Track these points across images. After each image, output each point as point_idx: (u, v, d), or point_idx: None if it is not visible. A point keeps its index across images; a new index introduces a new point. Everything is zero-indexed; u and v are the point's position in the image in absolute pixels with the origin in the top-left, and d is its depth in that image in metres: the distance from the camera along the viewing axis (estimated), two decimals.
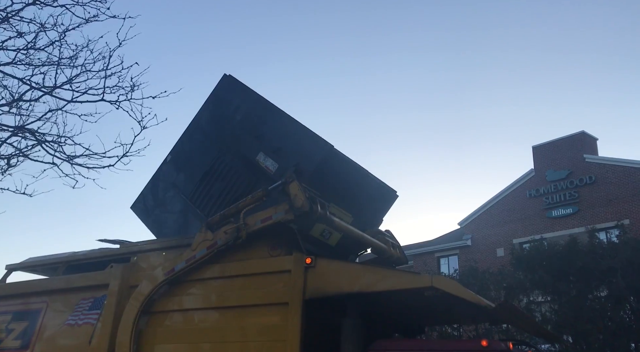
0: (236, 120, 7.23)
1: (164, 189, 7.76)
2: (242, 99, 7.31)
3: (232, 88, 7.50)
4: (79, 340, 6.77)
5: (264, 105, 7.04)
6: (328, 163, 6.36)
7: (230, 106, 7.39)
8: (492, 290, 11.67)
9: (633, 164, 21.87)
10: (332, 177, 6.44)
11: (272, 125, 6.87)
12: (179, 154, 7.76)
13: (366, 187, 7.03)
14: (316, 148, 6.37)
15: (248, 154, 6.79)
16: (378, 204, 7.34)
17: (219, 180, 7.03)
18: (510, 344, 5.04)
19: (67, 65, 6.03)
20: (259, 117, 7.04)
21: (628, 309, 9.88)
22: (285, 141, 6.64)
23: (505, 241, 23.79)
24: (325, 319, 5.82)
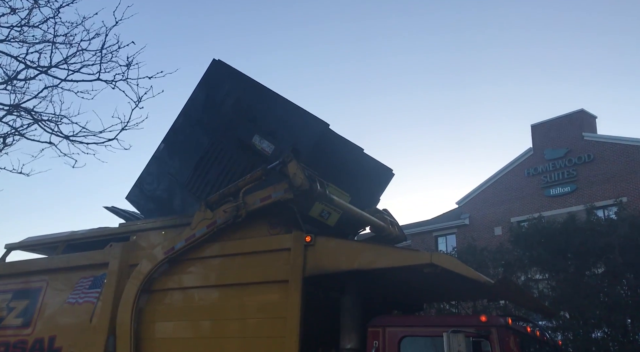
0: (228, 105, 7.17)
1: (159, 178, 7.69)
2: (233, 83, 7.25)
3: (222, 73, 7.43)
4: (79, 318, 6.83)
5: (255, 88, 6.98)
6: (324, 142, 6.33)
7: (221, 91, 7.33)
8: (491, 267, 11.76)
9: (631, 142, 21.86)
10: (329, 156, 6.42)
11: (266, 107, 6.81)
12: (173, 142, 7.68)
13: (363, 166, 7.01)
14: (312, 127, 6.33)
15: (243, 138, 6.74)
16: (375, 183, 7.33)
17: (215, 165, 6.98)
18: (509, 320, 5.08)
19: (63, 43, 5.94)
20: (251, 100, 7.01)
21: (625, 285, 9.98)
22: (280, 123, 6.60)
23: (503, 220, 23.89)
24: (325, 296, 5.87)
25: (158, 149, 7.78)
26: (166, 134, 7.73)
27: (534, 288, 11.25)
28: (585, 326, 9.89)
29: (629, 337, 9.70)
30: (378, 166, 7.24)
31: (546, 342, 5.87)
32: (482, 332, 4.80)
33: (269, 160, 6.31)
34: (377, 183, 7.36)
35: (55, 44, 5.87)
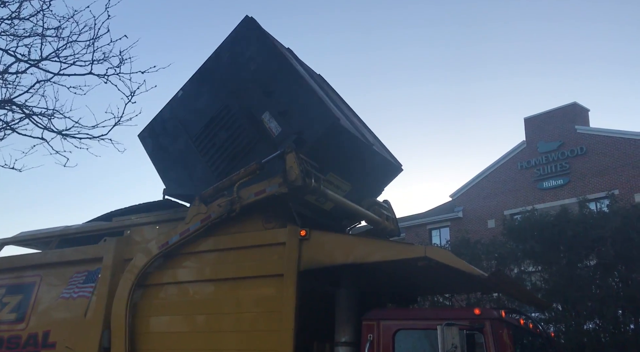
0: (250, 70, 6.90)
1: (172, 124, 7.51)
2: (259, 48, 6.94)
3: (252, 34, 7.08)
4: (74, 313, 6.81)
5: (280, 60, 6.72)
6: (331, 136, 6.19)
7: (247, 53, 7.01)
8: (484, 260, 11.82)
9: (623, 134, 21.99)
10: (334, 149, 6.33)
11: (284, 84, 6.57)
12: (191, 92, 7.45)
13: (369, 161, 6.93)
14: (322, 119, 6.17)
15: (254, 111, 6.59)
16: (379, 176, 7.29)
17: (224, 129, 6.84)
18: (502, 312, 5.12)
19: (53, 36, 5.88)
20: (272, 72, 6.72)
21: (616, 277, 10.08)
22: (293, 105, 6.40)
23: (497, 213, 24.01)
24: (320, 290, 5.88)
25: (176, 96, 7.58)
26: (185, 82, 7.53)
27: (527, 281, 11.34)
28: (577, 317, 9.99)
29: (620, 329, 9.82)
30: (386, 162, 7.17)
31: (539, 334, 5.93)
32: (476, 325, 4.84)
33: (274, 141, 6.24)
34: (382, 176, 7.33)
35: (45, 37, 5.81)
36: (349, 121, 6.90)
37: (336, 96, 8.00)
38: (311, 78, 7.21)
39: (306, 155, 5.94)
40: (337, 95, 8.07)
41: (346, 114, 7.18)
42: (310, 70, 7.91)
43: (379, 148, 7.21)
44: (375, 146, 7.07)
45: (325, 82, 8.15)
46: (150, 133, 7.75)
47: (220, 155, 6.79)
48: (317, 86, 6.96)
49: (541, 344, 5.87)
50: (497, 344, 4.78)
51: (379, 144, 7.57)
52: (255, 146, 6.46)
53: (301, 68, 7.17)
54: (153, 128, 7.74)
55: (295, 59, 7.50)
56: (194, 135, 7.14)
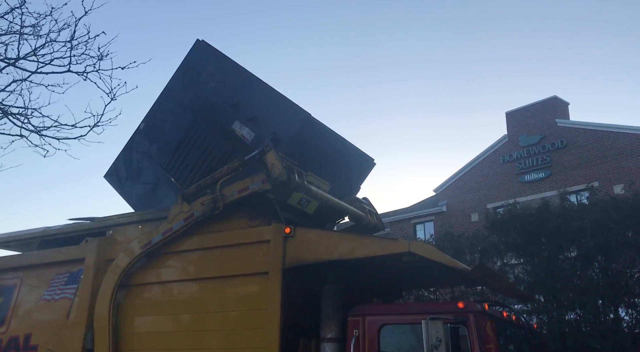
0: (210, 88, 7.06)
1: (138, 158, 7.63)
2: (216, 65, 7.12)
3: (205, 54, 7.29)
4: (56, 315, 6.73)
5: (238, 72, 6.88)
6: (305, 132, 6.28)
7: (204, 73, 7.21)
8: (467, 254, 11.93)
9: (603, 127, 22.34)
10: (309, 145, 6.38)
11: (248, 93, 6.73)
12: (152, 123, 7.58)
13: (344, 156, 7.00)
14: (293, 117, 6.27)
15: (224, 123, 6.67)
16: (355, 172, 7.34)
17: (194, 149, 6.92)
18: (486, 305, 5.18)
19: (31, 34, 5.76)
20: (233, 84, 6.88)
21: (596, 268, 10.24)
22: (261, 110, 6.51)
23: (480, 206, 24.25)
24: (305, 286, 5.88)
25: (138, 128, 7.66)
26: (147, 112, 7.61)
27: (510, 273, 11.47)
28: (559, 308, 10.14)
29: (600, 318, 10.00)
30: (359, 155, 7.25)
31: (522, 326, 6.01)
32: (460, 319, 4.88)
33: (249, 147, 6.25)
34: (358, 172, 7.38)
35: (22, 35, 5.69)
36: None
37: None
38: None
39: (284, 154, 5.94)
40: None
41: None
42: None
43: (350, 143, 7.24)
44: (347, 141, 7.12)
45: None
46: (115, 171, 7.83)
47: (195, 174, 6.79)
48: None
49: (524, 336, 5.95)
50: (481, 336, 4.83)
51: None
52: (231, 156, 6.47)
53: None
54: (118, 166, 7.81)
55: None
56: (164, 163, 7.19)
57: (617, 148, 21.44)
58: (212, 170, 6.54)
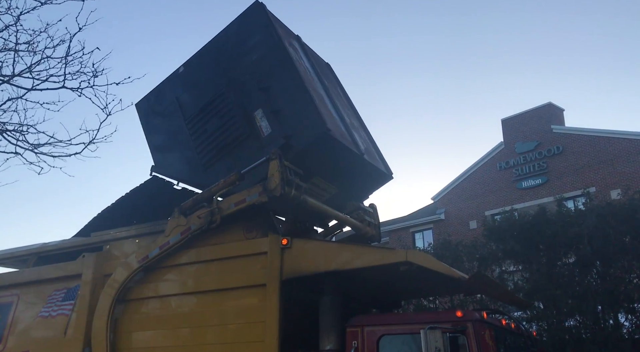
0: (249, 60, 6.65)
1: (169, 101, 7.36)
2: (263, 38, 6.63)
3: (258, 21, 6.73)
4: (53, 331, 6.69)
5: (282, 56, 6.41)
6: (320, 145, 6.08)
7: (250, 41, 6.72)
8: (466, 261, 11.92)
9: (598, 133, 22.43)
10: (322, 156, 6.26)
11: (282, 82, 6.34)
12: (192, 70, 7.23)
13: (358, 169, 6.83)
14: (313, 127, 6.02)
15: (248, 105, 6.43)
16: (368, 183, 7.27)
17: (217, 117, 6.74)
18: (484, 314, 5.17)
19: (26, 51, 5.78)
20: (272, 66, 6.45)
21: (595, 274, 10.24)
22: (287, 105, 6.21)
23: (478, 213, 24.25)
24: (303, 298, 5.87)
25: (177, 70, 7.40)
26: (190, 57, 7.30)
27: (508, 280, 11.45)
28: (558, 315, 10.12)
29: (599, 324, 9.97)
30: (375, 171, 7.09)
31: (521, 333, 6.00)
32: (459, 328, 4.88)
33: (261, 142, 6.15)
34: (370, 183, 7.31)
35: (17, 52, 5.71)
36: (344, 124, 6.77)
37: (338, 90, 7.81)
38: (313, 74, 7.00)
39: (292, 161, 5.90)
40: (339, 90, 7.88)
41: (343, 115, 6.98)
42: (318, 59, 7.72)
43: (371, 156, 7.09)
44: (367, 155, 6.95)
45: (330, 73, 7.99)
46: (147, 104, 7.56)
47: (210, 143, 6.69)
48: (317, 87, 6.73)
49: (524, 343, 5.94)
50: (480, 345, 4.82)
51: (373, 148, 7.47)
52: (244, 141, 6.38)
53: (304, 65, 6.86)
54: (150, 100, 7.53)
55: (301, 48, 7.27)
56: (188, 117, 7.02)
57: (612, 153, 21.52)
58: (224, 147, 6.50)
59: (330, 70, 8.09)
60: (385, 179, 7.36)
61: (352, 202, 7.08)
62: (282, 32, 6.84)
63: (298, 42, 7.31)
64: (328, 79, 7.56)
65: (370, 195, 7.50)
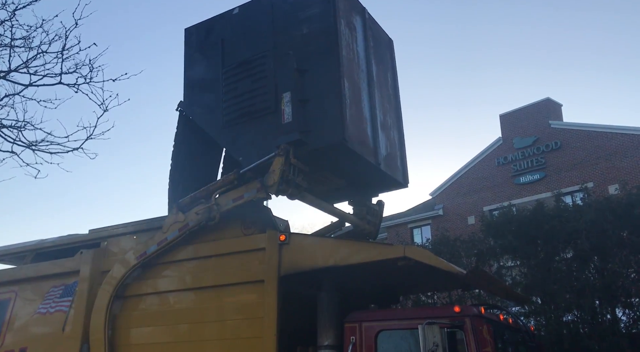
0: (300, 33, 6.25)
1: (215, 40, 6.95)
2: (321, 12, 6.19)
3: None
4: (51, 328, 6.69)
5: (329, 41, 6.05)
6: (334, 151, 5.96)
7: (308, 11, 6.29)
8: (464, 257, 11.94)
9: (596, 128, 22.46)
10: (335, 158, 6.16)
11: (319, 71, 6.02)
12: (244, 17, 6.80)
13: (371, 175, 6.69)
14: (331, 132, 5.79)
15: (281, 82, 6.11)
16: (379, 186, 7.13)
17: (250, 80, 6.42)
18: (482, 309, 5.18)
19: (22, 46, 5.76)
20: (317, 48, 6.09)
21: (592, 269, 10.26)
22: (316, 98, 5.94)
23: (476, 209, 24.29)
24: (301, 293, 5.87)
25: (231, 11, 7.01)
26: (247, 2, 6.90)
27: (507, 275, 11.48)
28: (556, 310, 10.15)
29: (597, 319, 10.01)
30: (390, 179, 6.93)
31: (519, 328, 6.01)
32: (456, 323, 4.89)
33: (280, 128, 5.90)
34: (382, 186, 7.18)
35: (13, 47, 5.69)
36: (372, 126, 6.47)
37: (388, 76, 7.39)
38: (363, 60, 6.59)
39: (302, 156, 5.82)
40: (390, 75, 7.46)
41: (376, 112, 6.64)
42: (379, 36, 7.28)
43: (390, 163, 6.82)
44: (386, 162, 6.69)
45: (388, 53, 7.54)
46: (195, 35, 7.20)
47: (236, 104, 6.44)
48: (358, 78, 6.39)
49: (521, 338, 5.95)
50: (478, 340, 4.83)
51: (398, 151, 7.19)
52: (265, 117, 6.16)
53: (355, 50, 6.44)
54: (199, 31, 7.17)
55: (363, 25, 6.79)
56: (226, 66, 6.69)
57: (610, 148, 21.55)
58: (247, 114, 6.29)
59: (390, 49, 7.63)
60: (399, 187, 7.20)
61: (359, 198, 7.00)
62: (345, 7, 6.41)
63: (361, 17, 6.85)
64: (381, 63, 7.18)
65: (378, 194, 7.38)
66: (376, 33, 7.22)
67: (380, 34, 7.41)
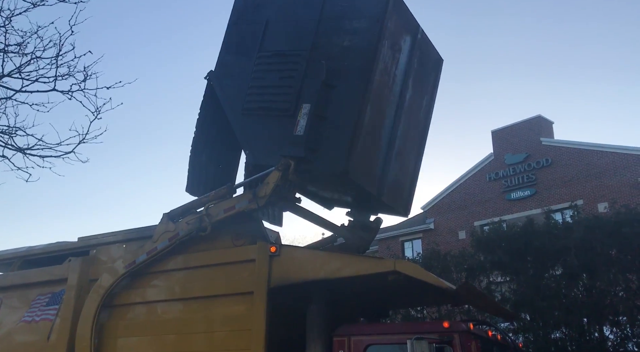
0: (340, 43, 5.84)
1: (260, 18, 6.54)
2: (367, 27, 5.76)
3: (376, 8, 5.83)
4: (36, 337, 6.60)
5: (366, 63, 5.65)
6: (335, 178, 5.89)
7: (356, 21, 5.86)
8: (454, 272, 11.94)
9: (586, 146, 22.69)
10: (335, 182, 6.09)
11: (346, 90, 5.71)
12: (293, 3, 6.42)
13: (371, 202, 6.61)
14: (336, 160, 5.65)
15: (305, 90, 5.78)
16: (378, 210, 7.01)
17: (279, 74, 6.11)
18: (471, 325, 5.19)
19: (16, 52, 5.75)
20: (350, 65, 5.73)
21: (581, 286, 10.31)
22: (334, 117, 5.68)
23: (467, 224, 24.37)
24: (291, 306, 5.85)
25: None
26: None
27: (496, 291, 11.49)
28: (544, 327, 10.16)
29: (585, 337, 10.03)
30: (389, 209, 6.87)
31: (507, 345, 6.02)
32: (445, 338, 4.89)
33: (290, 136, 5.68)
34: (381, 211, 7.08)
35: (7, 53, 5.68)
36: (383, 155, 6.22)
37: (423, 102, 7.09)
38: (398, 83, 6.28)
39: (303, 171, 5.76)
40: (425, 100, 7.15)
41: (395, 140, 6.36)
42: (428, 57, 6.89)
43: (394, 193, 6.66)
44: (390, 193, 6.48)
45: (432, 74, 7.18)
46: (243, 6, 6.81)
47: (259, 94, 6.20)
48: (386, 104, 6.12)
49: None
50: None
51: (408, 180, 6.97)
52: (281, 118, 5.91)
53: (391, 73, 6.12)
54: (247, 4, 6.78)
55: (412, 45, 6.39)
56: (263, 51, 6.31)
57: (600, 166, 21.76)
58: (265, 108, 6.05)
59: (437, 69, 7.30)
60: (398, 215, 7.12)
61: (357, 212, 6.88)
62: (396, 26, 6.03)
63: (412, 37, 6.48)
64: (420, 85, 6.84)
65: (378, 213, 7.15)
66: (424, 53, 6.85)
67: (429, 54, 7.04)
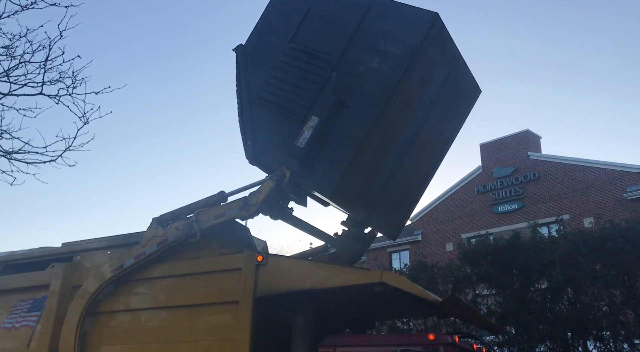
0: (369, 61, 5.55)
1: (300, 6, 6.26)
2: (401, 53, 5.46)
3: (416, 32, 5.48)
4: (15, 344, 6.49)
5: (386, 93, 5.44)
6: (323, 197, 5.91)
7: (391, 43, 5.52)
8: (440, 284, 11.97)
9: (573, 161, 22.99)
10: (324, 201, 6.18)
11: (356, 115, 5.55)
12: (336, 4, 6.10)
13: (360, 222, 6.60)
14: (327, 182, 5.62)
15: (318, 101, 5.56)
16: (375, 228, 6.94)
17: (300, 73, 5.87)
18: (456, 337, 5.19)
19: (4, 55, 5.70)
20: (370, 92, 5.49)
21: (566, 300, 10.39)
22: (335, 138, 5.56)
23: (454, 236, 24.49)
24: (276, 316, 5.82)
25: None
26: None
27: (482, 304, 11.52)
28: (529, 340, 10.21)
29: (569, 351, 10.09)
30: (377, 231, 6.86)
31: None
32: (430, 351, 4.89)
33: (291, 145, 5.65)
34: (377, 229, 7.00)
35: None
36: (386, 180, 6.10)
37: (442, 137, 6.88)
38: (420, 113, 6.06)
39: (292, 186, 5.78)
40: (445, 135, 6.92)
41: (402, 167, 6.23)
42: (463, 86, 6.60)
43: (384, 219, 6.58)
44: (378, 218, 6.41)
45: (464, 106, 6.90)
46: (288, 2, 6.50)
47: (278, 88, 6.02)
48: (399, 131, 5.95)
49: None
50: None
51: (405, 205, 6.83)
52: (291, 121, 5.77)
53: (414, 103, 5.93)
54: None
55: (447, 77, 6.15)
56: (294, 42, 6.06)
57: (587, 182, 22.03)
58: (280, 104, 5.92)
59: (470, 99, 6.96)
60: (385, 236, 7.09)
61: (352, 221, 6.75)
62: (433, 56, 5.79)
63: (450, 68, 6.20)
64: (446, 115, 6.56)
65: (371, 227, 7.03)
66: (460, 85, 6.56)
67: (466, 85, 6.73)
